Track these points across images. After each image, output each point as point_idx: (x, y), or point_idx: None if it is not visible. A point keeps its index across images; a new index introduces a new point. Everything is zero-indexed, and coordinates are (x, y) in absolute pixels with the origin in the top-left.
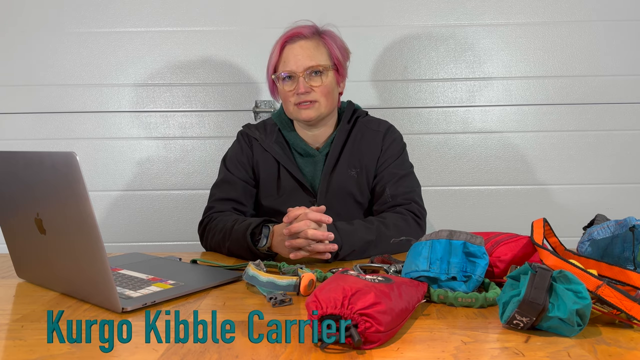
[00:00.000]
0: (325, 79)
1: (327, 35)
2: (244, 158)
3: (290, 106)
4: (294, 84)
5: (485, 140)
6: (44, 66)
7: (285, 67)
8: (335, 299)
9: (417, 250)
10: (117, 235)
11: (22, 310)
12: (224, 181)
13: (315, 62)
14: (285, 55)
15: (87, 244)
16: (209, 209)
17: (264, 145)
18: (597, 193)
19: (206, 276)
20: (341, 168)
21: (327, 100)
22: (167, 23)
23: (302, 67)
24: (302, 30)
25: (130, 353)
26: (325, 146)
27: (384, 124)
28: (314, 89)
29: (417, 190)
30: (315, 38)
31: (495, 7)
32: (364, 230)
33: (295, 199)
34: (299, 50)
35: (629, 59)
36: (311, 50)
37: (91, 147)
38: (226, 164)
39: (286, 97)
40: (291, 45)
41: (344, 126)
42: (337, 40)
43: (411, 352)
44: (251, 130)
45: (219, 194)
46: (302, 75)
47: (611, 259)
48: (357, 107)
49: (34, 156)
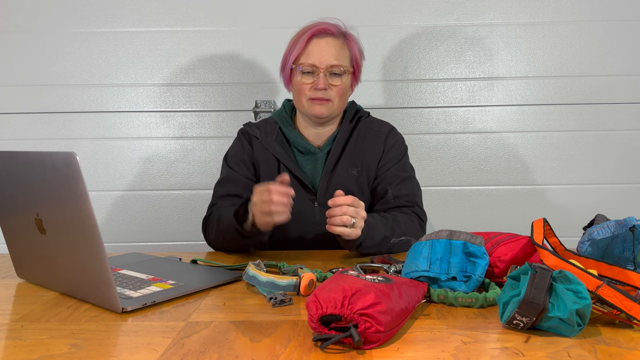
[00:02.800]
0: (344, 80)
1: (350, 37)
2: (245, 155)
3: (304, 99)
4: (313, 78)
5: (485, 140)
6: (44, 66)
7: (308, 59)
8: (335, 299)
9: (417, 250)
10: (117, 235)
11: (22, 310)
12: (226, 179)
13: (339, 62)
14: (311, 48)
15: (87, 244)
16: (212, 206)
17: (264, 144)
18: (597, 193)
19: (206, 276)
20: (342, 167)
21: (341, 101)
22: (167, 23)
23: (325, 64)
24: (330, 28)
25: (130, 353)
26: (326, 144)
27: (386, 125)
28: (332, 87)
29: (418, 194)
30: (341, 38)
31: (495, 7)
32: (383, 225)
33: (296, 197)
34: (325, 47)
35: (629, 59)
36: (337, 49)
37: (91, 147)
38: (228, 161)
39: (302, 89)
40: (319, 39)
41: (347, 125)
42: (358, 43)
43: (411, 352)
44: (251, 128)
45: (222, 191)
46: (324, 71)
47: (611, 259)
48: (360, 108)
49: (34, 156)
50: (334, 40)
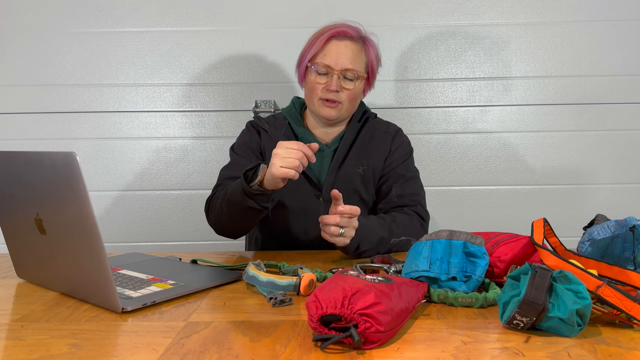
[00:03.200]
0: (357, 84)
1: (369, 43)
2: (253, 144)
3: (315, 99)
4: (327, 79)
5: (486, 140)
6: (44, 66)
7: (324, 60)
8: (335, 299)
9: (417, 250)
10: (117, 235)
11: (22, 310)
12: (232, 163)
13: (354, 66)
14: (328, 49)
15: (87, 244)
16: (217, 187)
17: (272, 137)
18: (597, 193)
19: (206, 276)
20: (348, 164)
21: (351, 105)
22: (167, 23)
23: (340, 66)
24: (350, 31)
25: (130, 353)
26: (334, 142)
27: (393, 126)
28: (343, 90)
29: (422, 194)
30: (359, 43)
31: (495, 7)
32: (379, 226)
33: (301, 193)
34: (343, 49)
35: (629, 59)
36: (354, 53)
37: (91, 147)
38: (235, 149)
39: (314, 88)
40: (337, 41)
41: (355, 124)
42: (376, 50)
43: (411, 352)
44: (261, 121)
45: (228, 173)
46: (338, 74)
47: (611, 259)
48: (368, 109)
49: (34, 156)
50: (352, 44)
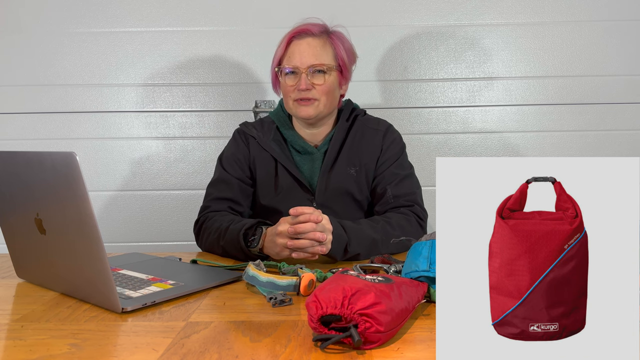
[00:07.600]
0: (327, 78)
1: (335, 35)
2: (241, 156)
3: (290, 101)
4: (296, 79)
5: (485, 140)
6: (44, 66)
7: (290, 62)
8: (335, 299)
9: (417, 250)
10: (116, 235)
11: (22, 310)
12: (219, 180)
13: (319, 61)
14: (290, 50)
15: (87, 244)
16: (205, 209)
17: (261, 144)
18: None
19: (206, 276)
20: (340, 166)
21: (327, 100)
22: (167, 23)
23: (305, 64)
24: (311, 28)
25: (130, 353)
26: (323, 144)
27: (383, 123)
28: (315, 86)
29: (418, 192)
30: (323, 37)
31: (495, 7)
32: (370, 229)
33: (294, 197)
34: (305, 47)
35: (629, 59)
36: (317, 48)
37: (91, 147)
38: (222, 162)
39: (287, 91)
40: (298, 41)
41: (343, 124)
42: (345, 42)
43: (411, 352)
44: (248, 128)
45: (215, 193)
46: (305, 72)
47: None
48: (356, 106)
49: (34, 156)
50: (314, 40)
